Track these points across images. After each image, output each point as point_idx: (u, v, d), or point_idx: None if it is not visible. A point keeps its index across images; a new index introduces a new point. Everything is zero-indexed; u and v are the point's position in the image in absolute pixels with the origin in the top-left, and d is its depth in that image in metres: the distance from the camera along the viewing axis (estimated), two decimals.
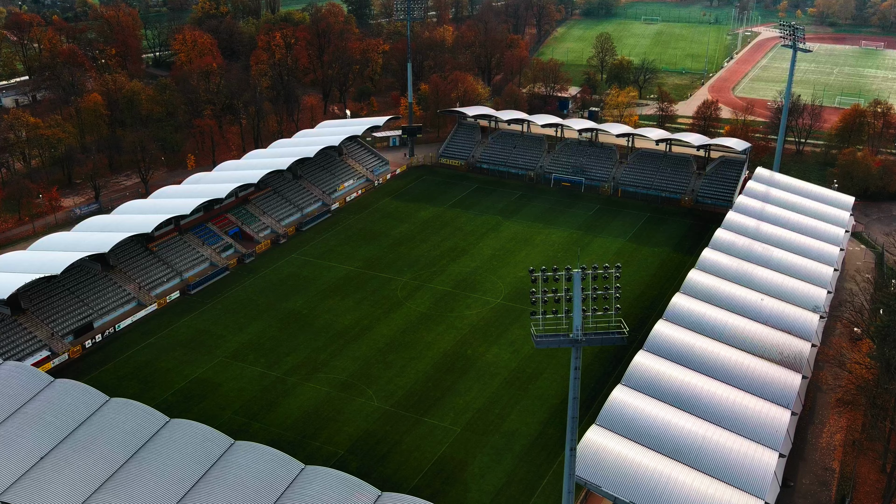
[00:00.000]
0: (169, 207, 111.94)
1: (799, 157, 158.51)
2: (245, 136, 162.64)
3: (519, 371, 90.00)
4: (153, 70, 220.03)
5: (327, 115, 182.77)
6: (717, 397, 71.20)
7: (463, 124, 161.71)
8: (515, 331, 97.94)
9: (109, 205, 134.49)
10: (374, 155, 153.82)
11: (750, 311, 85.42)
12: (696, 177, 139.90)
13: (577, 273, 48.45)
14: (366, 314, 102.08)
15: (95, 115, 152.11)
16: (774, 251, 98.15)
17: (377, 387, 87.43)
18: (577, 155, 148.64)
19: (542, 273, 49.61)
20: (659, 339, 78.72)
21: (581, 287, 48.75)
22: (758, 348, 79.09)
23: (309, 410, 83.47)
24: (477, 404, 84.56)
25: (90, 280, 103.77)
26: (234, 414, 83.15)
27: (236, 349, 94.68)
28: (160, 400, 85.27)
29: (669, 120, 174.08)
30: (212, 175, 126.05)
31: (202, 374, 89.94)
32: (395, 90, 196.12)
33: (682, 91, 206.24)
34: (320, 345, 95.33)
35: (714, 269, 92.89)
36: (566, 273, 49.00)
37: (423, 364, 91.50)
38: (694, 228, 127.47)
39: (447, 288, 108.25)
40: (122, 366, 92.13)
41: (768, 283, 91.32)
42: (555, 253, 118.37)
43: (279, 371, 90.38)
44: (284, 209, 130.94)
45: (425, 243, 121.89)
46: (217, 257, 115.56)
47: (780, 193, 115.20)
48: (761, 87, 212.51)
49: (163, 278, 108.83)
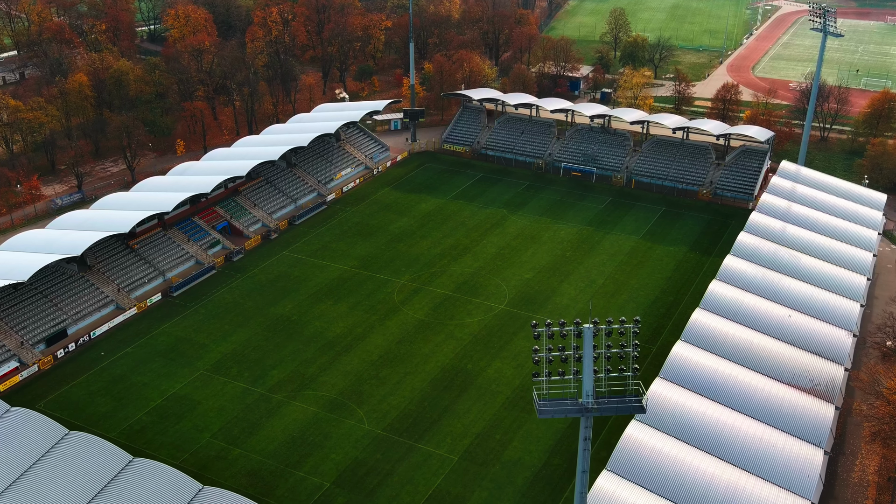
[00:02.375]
0: (150, 203, 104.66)
1: (824, 144, 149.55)
2: (238, 118, 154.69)
3: (522, 389, 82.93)
4: (148, 45, 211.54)
5: (326, 96, 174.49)
6: (743, 434, 64.00)
7: (468, 107, 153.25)
8: (519, 342, 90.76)
9: (93, 194, 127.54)
10: (374, 140, 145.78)
11: (776, 329, 77.93)
12: (714, 167, 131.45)
13: (588, 329, 40.97)
14: (359, 321, 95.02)
15: (80, 96, 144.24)
16: (802, 258, 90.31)
17: (369, 406, 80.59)
18: (588, 142, 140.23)
19: (546, 328, 42.05)
20: (677, 363, 71.40)
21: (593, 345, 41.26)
22: (786, 374, 71.75)
23: (294, 434, 76.75)
24: (476, 428, 77.67)
25: (65, 282, 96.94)
26: (212, 437, 76.52)
27: (218, 361, 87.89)
28: (133, 420, 78.81)
29: (686, 103, 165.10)
30: (199, 165, 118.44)
31: (180, 390, 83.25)
32: (399, 68, 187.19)
33: (699, 70, 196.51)
34: (309, 356, 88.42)
35: (737, 280, 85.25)
36: (575, 328, 41.46)
37: (419, 380, 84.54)
38: (712, 225, 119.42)
39: (447, 291, 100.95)
40: (96, 379, 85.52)
41: (796, 295, 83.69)
42: (563, 252, 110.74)
43: (263, 387, 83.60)
44: (277, 200, 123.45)
45: (425, 240, 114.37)
46: (203, 255, 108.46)
47: (806, 191, 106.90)
48: (782, 66, 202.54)
49: (144, 279, 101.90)
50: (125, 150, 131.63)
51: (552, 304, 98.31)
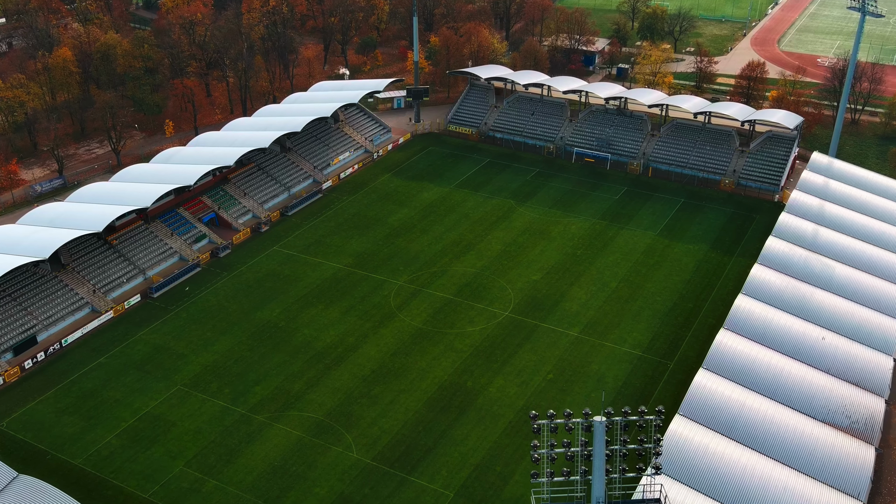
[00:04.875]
0: (130, 196, 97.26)
1: (854, 128, 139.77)
2: (232, 94, 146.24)
3: (526, 412, 75.64)
4: (144, 13, 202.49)
5: (327, 70, 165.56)
6: (773, 486, 56.74)
7: (476, 85, 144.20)
8: (524, 355, 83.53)
9: (75, 179, 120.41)
10: (375, 121, 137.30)
11: (809, 354, 70.37)
12: (738, 154, 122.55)
13: (599, 423, 33.49)
14: (352, 329, 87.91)
15: (65, 72, 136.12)
16: (837, 268, 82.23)
17: (358, 431, 73.78)
18: (602, 125, 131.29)
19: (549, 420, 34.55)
20: (699, 397, 64.04)
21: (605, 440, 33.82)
22: (820, 410, 64.33)
23: (275, 464, 70.11)
24: (475, 458, 70.80)
25: (36, 283, 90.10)
26: (186, 466, 70.00)
27: (198, 374, 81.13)
28: (102, 444, 72.34)
29: (708, 80, 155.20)
30: (185, 152, 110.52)
31: (155, 409, 76.64)
32: (404, 39, 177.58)
33: (721, 43, 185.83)
34: (296, 370, 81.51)
35: (765, 294, 77.37)
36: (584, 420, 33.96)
37: (413, 400, 77.58)
38: (735, 219, 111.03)
39: (448, 295, 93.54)
40: (65, 394, 78.97)
41: (830, 312, 75.88)
42: (573, 250, 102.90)
43: (245, 406, 76.87)
44: (269, 188, 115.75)
45: (426, 234, 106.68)
46: (187, 250, 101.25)
47: (840, 188, 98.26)
48: (810, 39, 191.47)
49: (122, 278, 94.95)
50: (109, 131, 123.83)
51: (560, 310, 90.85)
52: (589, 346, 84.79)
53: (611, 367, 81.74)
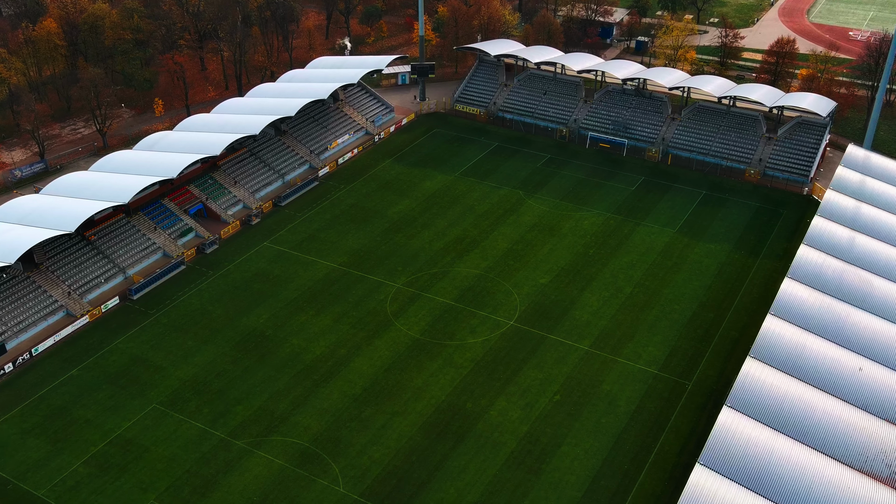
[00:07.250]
0: (108, 189, 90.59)
1: (889, 111, 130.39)
2: (227, 69, 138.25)
3: (531, 439, 69.51)
4: None
5: (329, 41, 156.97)
6: None
7: (485, 61, 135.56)
8: (529, 373, 76.93)
9: (57, 162, 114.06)
10: (377, 99, 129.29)
11: (845, 388, 63.31)
12: (765, 142, 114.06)
13: None
14: (344, 339, 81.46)
15: (50, 45, 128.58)
16: (876, 282, 74.68)
17: (346, 460, 67.69)
18: (619, 106, 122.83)
19: None
20: (723, 440, 57.34)
21: None
22: (857, 455, 57.49)
23: (253, 500, 64.18)
24: (472, 496, 64.60)
25: (7, 285, 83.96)
26: (157, 500, 64.22)
27: (176, 391, 75.10)
28: (68, 472, 66.70)
29: (733, 55, 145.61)
30: (171, 137, 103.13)
31: (127, 431, 70.78)
32: (410, 8, 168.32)
33: (747, 13, 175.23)
34: (281, 388, 75.32)
35: (796, 316, 70.01)
36: None
37: (407, 424, 71.31)
38: (760, 214, 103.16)
39: (448, 300, 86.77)
40: (32, 412, 73.19)
41: (868, 335, 68.59)
42: (585, 249, 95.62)
43: (225, 429, 70.87)
44: (261, 176, 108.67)
45: (427, 230, 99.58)
46: (172, 246, 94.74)
47: (880, 187, 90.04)
48: (841, 9, 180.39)
49: (101, 278, 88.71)
50: (94, 111, 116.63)
51: (570, 319, 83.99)
52: (600, 363, 78.05)
53: (624, 388, 75.09)
